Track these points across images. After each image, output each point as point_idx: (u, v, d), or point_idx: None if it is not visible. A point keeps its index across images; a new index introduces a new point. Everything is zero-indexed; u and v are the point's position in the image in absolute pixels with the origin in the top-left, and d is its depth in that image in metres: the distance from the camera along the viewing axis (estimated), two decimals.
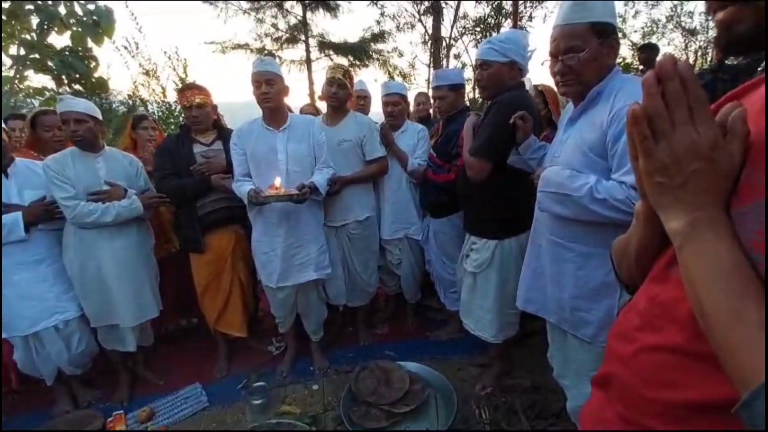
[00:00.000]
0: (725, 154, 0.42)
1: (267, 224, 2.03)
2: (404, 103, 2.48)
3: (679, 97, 0.41)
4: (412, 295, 2.76)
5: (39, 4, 5.39)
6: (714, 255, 0.41)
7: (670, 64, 0.41)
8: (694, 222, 0.43)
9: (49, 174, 1.89)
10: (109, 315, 2.06)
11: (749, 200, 0.41)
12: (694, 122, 0.41)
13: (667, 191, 0.45)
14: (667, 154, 0.43)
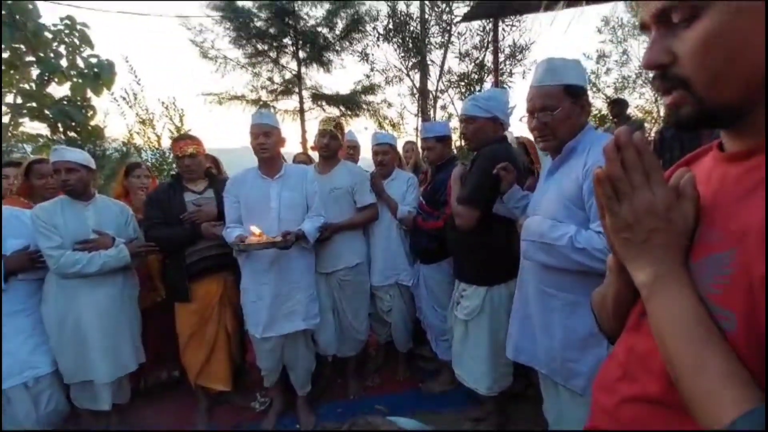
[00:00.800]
0: (679, 214, 0.47)
1: (256, 271, 2.02)
2: (393, 152, 2.59)
3: (634, 163, 0.46)
4: (403, 343, 2.69)
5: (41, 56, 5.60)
6: (677, 307, 0.44)
7: (626, 135, 0.46)
8: (658, 275, 0.47)
9: (37, 222, 1.87)
10: (85, 370, 1.95)
11: (702, 256, 0.45)
12: (650, 185, 0.46)
13: (631, 247, 0.49)
14: (629, 214, 0.47)
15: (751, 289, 0.39)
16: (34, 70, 5.74)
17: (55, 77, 5.80)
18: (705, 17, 0.40)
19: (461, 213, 1.74)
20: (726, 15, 0.39)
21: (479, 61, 8.51)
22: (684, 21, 0.42)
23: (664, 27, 0.44)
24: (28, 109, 5.84)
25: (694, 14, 0.41)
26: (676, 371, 0.43)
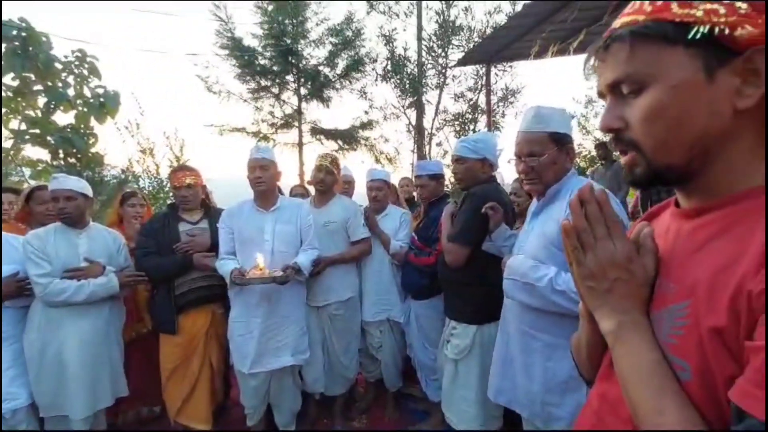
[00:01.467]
0: (640, 266, 0.50)
1: (247, 304, 2.00)
2: (387, 188, 2.65)
3: (597, 216, 0.50)
4: (393, 382, 2.63)
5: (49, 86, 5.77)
6: (637, 355, 0.47)
7: (588, 191, 0.51)
8: (621, 324, 0.50)
9: (28, 249, 1.87)
10: (61, 405, 1.88)
11: (662, 306, 0.48)
12: (612, 238, 0.50)
13: (596, 295, 0.52)
14: (593, 264, 0.51)
15: (702, 341, 0.41)
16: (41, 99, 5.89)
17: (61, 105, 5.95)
18: (648, 91, 0.46)
19: (451, 250, 1.78)
20: (665, 91, 0.45)
21: (473, 102, 8.88)
22: (632, 93, 0.47)
23: (617, 96, 0.50)
24: (31, 135, 5.93)
25: (640, 87, 0.46)
26: (637, 417, 0.45)
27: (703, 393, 0.41)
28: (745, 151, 0.45)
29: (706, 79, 0.43)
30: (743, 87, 0.42)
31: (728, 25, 0.40)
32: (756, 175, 0.44)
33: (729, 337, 0.38)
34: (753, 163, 0.45)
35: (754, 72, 0.41)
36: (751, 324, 0.36)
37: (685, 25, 0.42)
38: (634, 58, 0.46)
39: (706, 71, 0.42)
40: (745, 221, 0.42)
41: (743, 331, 0.37)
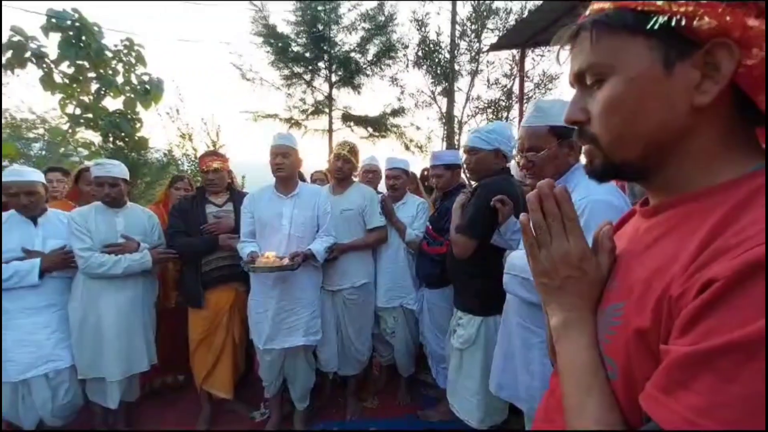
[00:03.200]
0: (592, 264, 0.49)
1: (263, 285, 2.12)
2: (405, 177, 2.66)
3: (553, 213, 0.49)
4: (405, 368, 2.68)
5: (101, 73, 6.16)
6: (575, 352, 0.47)
7: (546, 187, 0.50)
8: (566, 321, 0.50)
9: (72, 225, 2.07)
10: (98, 367, 2.09)
11: (606, 305, 0.48)
12: (567, 235, 0.49)
13: (548, 291, 0.52)
14: (547, 260, 0.50)
15: (628, 342, 0.41)
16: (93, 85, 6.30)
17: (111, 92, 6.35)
18: (608, 83, 0.44)
19: (458, 241, 1.78)
20: (622, 83, 0.43)
21: (507, 88, 8.56)
22: (595, 84, 0.46)
23: (583, 86, 0.48)
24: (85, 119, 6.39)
25: (601, 79, 0.45)
26: (565, 413, 0.46)
27: (627, 393, 0.41)
28: (703, 150, 0.43)
29: (664, 72, 0.41)
30: (702, 82, 0.39)
31: (686, 15, 0.38)
32: (715, 174, 0.42)
33: (651, 339, 0.38)
34: (712, 162, 0.43)
35: (714, 67, 0.38)
36: (669, 328, 0.36)
37: (646, 15, 0.40)
38: (596, 48, 0.45)
39: (664, 64, 0.41)
40: (691, 222, 0.41)
41: (663, 334, 0.37)
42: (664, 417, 0.33)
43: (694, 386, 0.31)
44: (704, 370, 0.31)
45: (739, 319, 0.30)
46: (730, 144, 0.42)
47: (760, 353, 0.28)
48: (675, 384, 0.33)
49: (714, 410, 0.30)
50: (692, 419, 0.30)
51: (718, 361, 0.30)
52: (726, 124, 0.42)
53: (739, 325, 0.29)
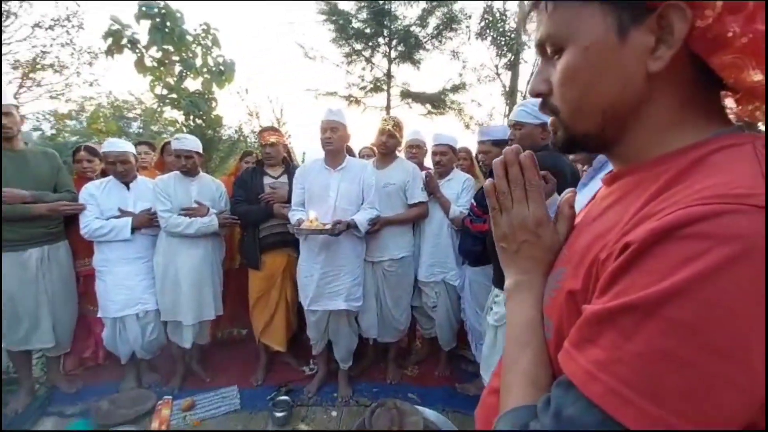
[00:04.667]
0: (548, 230, 0.50)
1: (310, 251, 2.29)
2: (452, 153, 2.63)
3: (517, 179, 0.50)
4: (446, 341, 2.75)
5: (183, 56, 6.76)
6: (519, 312, 0.50)
7: (512, 154, 0.51)
8: (518, 283, 0.51)
9: (156, 190, 2.40)
10: (176, 312, 2.46)
11: (555, 269, 0.49)
12: (528, 202, 0.50)
13: (506, 255, 0.53)
14: (506, 225, 0.51)
15: (562, 303, 0.42)
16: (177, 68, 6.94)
17: (191, 74, 6.95)
18: (565, 54, 0.43)
19: None
20: (577, 53, 0.42)
21: None
22: (555, 54, 0.45)
23: (546, 57, 0.47)
24: (170, 99, 7.10)
25: (559, 49, 0.44)
26: (502, 368, 0.48)
27: (557, 351, 0.42)
28: (661, 117, 0.41)
29: (618, 39, 0.39)
30: (657, 47, 0.38)
31: None
32: (671, 142, 0.41)
33: (580, 300, 0.39)
34: (670, 130, 0.41)
35: (669, 31, 0.37)
36: (594, 289, 0.37)
37: None
38: (552, 18, 0.44)
39: (618, 31, 0.39)
40: (637, 189, 0.41)
41: (589, 297, 0.38)
42: (570, 369, 0.35)
43: (599, 342, 0.33)
44: (608, 328, 0.32)
45: (645, 281, 0.31)
46: (690, 110, 0.41)
47: (657, 313, 0.29)
48: (584, 340, 0.34)
49: (610, 365, 0.31)
50: (592, 372, 0.32)
51: (620, 319, 0.31)
52: (685, 90, 0.40)
53: (643, 287, 0.30)
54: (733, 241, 0.28)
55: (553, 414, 0.34)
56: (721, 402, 0.28)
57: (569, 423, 0.32)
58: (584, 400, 0.32)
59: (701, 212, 0.30)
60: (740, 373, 0.28)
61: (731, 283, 0.28)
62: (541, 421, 0.36)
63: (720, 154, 0.37)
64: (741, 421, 0.29)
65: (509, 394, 0.45)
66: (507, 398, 0.45)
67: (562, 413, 0.33)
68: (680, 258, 0.29)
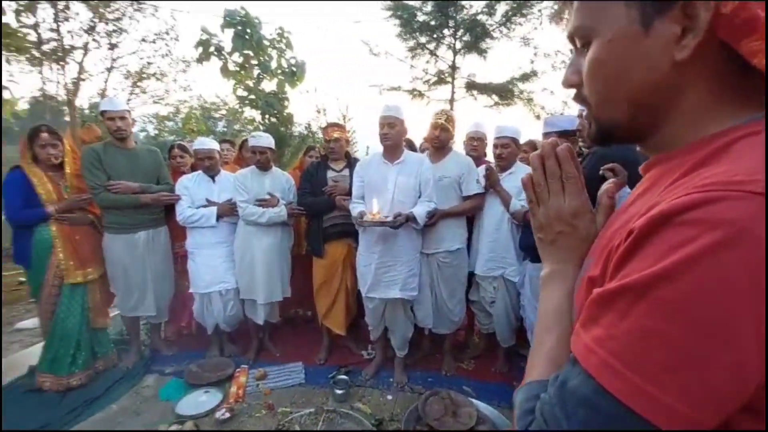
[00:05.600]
0: (585, 221, 0.52)
1: (368, 241, 2.40)
2: (514, 146, 2.55)
3: (553, 172, 0.52)
4: (504, 338, 2.70)
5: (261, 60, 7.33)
6: (549, 299, 0.52)
7: (549, 147, 0.52)
8: (552, 273, 0.53)
9: (236, 183, 2.70)
10: (252, 291, 2.75)
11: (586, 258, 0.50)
12: (565, 193, 0.52)
13: (543, 246, 0.55)
14: (543, 216, 0.53)
15: (583, 290, 0.44)
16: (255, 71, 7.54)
17: (267, 76, 7.52)
18: (591, 46, 0.44)
19: None
20: (602, 45, 0.43)
21: None
22: (584, 47, 0.46)
23: (578, 49, 0.48)
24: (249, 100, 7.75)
25: (587, 42, 0.45)
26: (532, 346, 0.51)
27: None
28: (693, 105, 0.40)
29: (642, 30, 0.40)
30: (683, 36, 0.38)
31: None
32: (702, 129, 0.40)
33: (597, 285, 0.40)
34: (702, 118, 0.40)
35: (694, 19, 0.36)
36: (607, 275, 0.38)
37: None
38: (579, 11, 0.45)
39: (642, 22, 0.40)
40: (664, 178, 0.40)
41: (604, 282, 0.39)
42: (576, 346, 0.37)
43: (600, 321, 0.35)
44: (608, 308, 0.34)
45: (642, 265, 0.32)
46: (724, 97, 0.39)
47: (648, 294, 0.31)
48: (589, 320, 0.37)
49: (606, 340, 0.33)
50: (591, 347, 0.35)
51: (618, 300, 0.34)
52: (717, 77, 0.39)
53: (640, 270, 0.32)
54: (721, 227, 0.29)
55: (559, 384, 0.37)
56: (703, 377, 0.29)
57: (570, 392, 0.36)
58: (583, 372, 0.35)
59: (697, 199, 0.31)
60: (723, 352, 0.29)
61: (717, 267, 0.29)
62: (548, 392, 0.39)
63: (743, 142, 0.36)
64: (733, 397, 0.30)
65: (530, 371, 0.48)
66: (529, 374, 0.48)
67: (565, 384, 0.37)
68: (673, 243, 0.31)
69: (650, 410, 0.30)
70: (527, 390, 0.45)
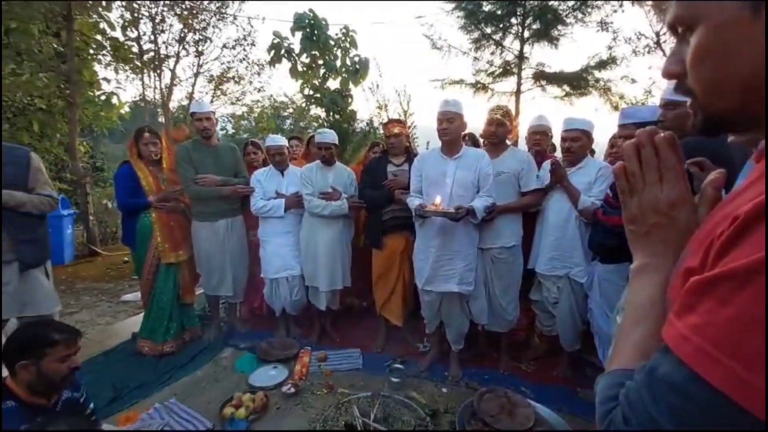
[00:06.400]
0: (684, 212, 0.49)
1: (426, 235, 2.43)
2: (586, 139, 2.40)
3: (650, 161, 0.49)
4: (568, 342, 2.57)
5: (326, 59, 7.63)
6: (639, 291, 0.50)
7: (645, 135, 0.50)
8: (644, 265, 0.51)
9: (302, 177, 2.89)
10: (315, 278, 2.93)
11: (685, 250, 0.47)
12: (662, 183, 0.49)
13: (635, 238, 0.53)
14: (636, 207, 0.51)
15: (679, 280, 0.42)
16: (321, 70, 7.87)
17: (332, 75, 7.80)
18: (695, 33, 0.42)
19: None
20: (708, 32, 0.41)
21: None
22: (686, 34, 0.44)
23: (679, 38, 0.46)
24: (315, 99, 8.11)
25: (691, 28, 0.43)
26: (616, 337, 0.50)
27: None
28: None
29: (750, 15, 0.38)
30: None
31: None
32: None
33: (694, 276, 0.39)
34: None
35: None
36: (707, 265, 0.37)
37: None
38: None
39: (751, 7, 0.38)
40: None
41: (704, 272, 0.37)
42: (669, 335, 0.37)
43: (698, 309, 0.34)
44: (708, 295, 0.33)
45: (746, 252, 0.31)
46: None
47: (753, 281, 0.30)
48: (685, 308, 0.36)
49: (704, 328, 0.33)
50: (686, 334, 0.34)
51: (719, 286, 0.33)
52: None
53: (744, 257, 0.31)
54: None
55: (647, 371, 0.37)
56: None
57: (659, 379, 0.35)
58: (675, 359, 0.34)
59: None
60: None
61: None
62: (635, 379, 0.39)
63: None
64: None
65: (614, 360, 0.47)
66: (612, 362, 0.48)
67: (655, 371, 0.36)
68: None
69: (749, 399, 0.29)
70: (611, 377, 0.45)
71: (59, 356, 1.37)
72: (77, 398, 1.53)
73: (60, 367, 1.37)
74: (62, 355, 1.38)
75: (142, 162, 2.84)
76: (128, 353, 2.93)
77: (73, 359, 1.41)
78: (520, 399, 2.22)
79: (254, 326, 3.36)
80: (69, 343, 1.41)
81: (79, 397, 1.55)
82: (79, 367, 1.46)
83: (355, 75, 7.62)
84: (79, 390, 1.56)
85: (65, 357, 1.39)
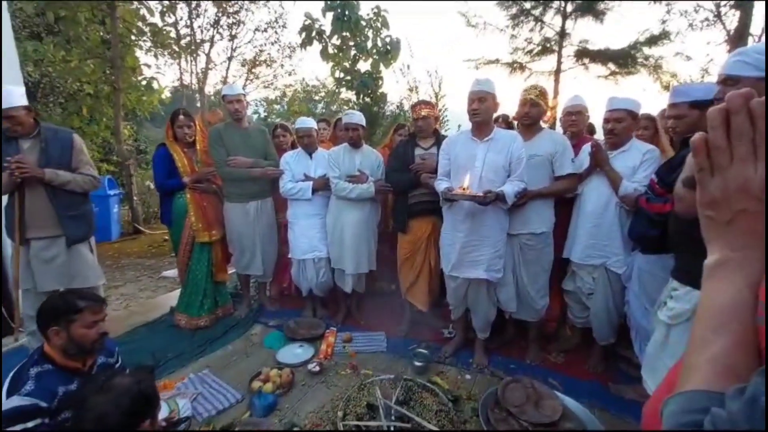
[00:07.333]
0: None
1: (454, 219, 2.36)
2: (630, 120, 2.21)
3: (742, 132, 0.39)
4: (602, 335, 2.45)
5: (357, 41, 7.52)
6: (720, 292, 0.42)
7: (740, 98, 0.39)
8: (724, 261, 0.43)
9: (329, 159, 2.88)
10: (341, 261, 2.95)
11: None
12: (755, 161, 0.39)
13: (713, 226, 0.44)
14: (717, 190, 0.42)
15: None
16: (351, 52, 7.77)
17: (363, 56, 7.69)
18: None
19: (683, 197, 1.43)
20: None
21: None
22: None
23: None
24: (345, 81, 8.06)
25: None
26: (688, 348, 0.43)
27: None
28: None
29: None
30: None
31: None
32: None
33: None
34: None
35: None
36: None
37: None
38: None
39: None
40: None
41: None
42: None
43: None
44: None
45: None
46: None
47: None
48: None
49: None
50: None
51: None
52: None
53: None
54: None
55: (748, 400, 0.31)
56: None
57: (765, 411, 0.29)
58: None
59: None
60: None
61: None
62: (728, 407, 0.32)
63: None
64: None
65: (690, 376, 0.41)
66: (686, 380, 0.41)
67: (758, 400, 0.30)
68: None
69: None
70: (685, 401, 0.38)
71: (87, 322, 1.46)
72: (111, 363, 1.64)
73: (88, 333, 1.47)
74: (89, 321, 1.47)
75: (177, 144, 2.93)
76: (167, 325, 3.10)
77: (100, 325, 1.51)
78: (548, 391, 2.15)
79: (283, 305, 3.46)
80: (95, 309, 1.50)
81: (114, 362, 1.65)
82: (107, 333, 1.56)
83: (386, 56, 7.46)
84: (113, 356, 1.67)
85: (92, 323, 1.48)
